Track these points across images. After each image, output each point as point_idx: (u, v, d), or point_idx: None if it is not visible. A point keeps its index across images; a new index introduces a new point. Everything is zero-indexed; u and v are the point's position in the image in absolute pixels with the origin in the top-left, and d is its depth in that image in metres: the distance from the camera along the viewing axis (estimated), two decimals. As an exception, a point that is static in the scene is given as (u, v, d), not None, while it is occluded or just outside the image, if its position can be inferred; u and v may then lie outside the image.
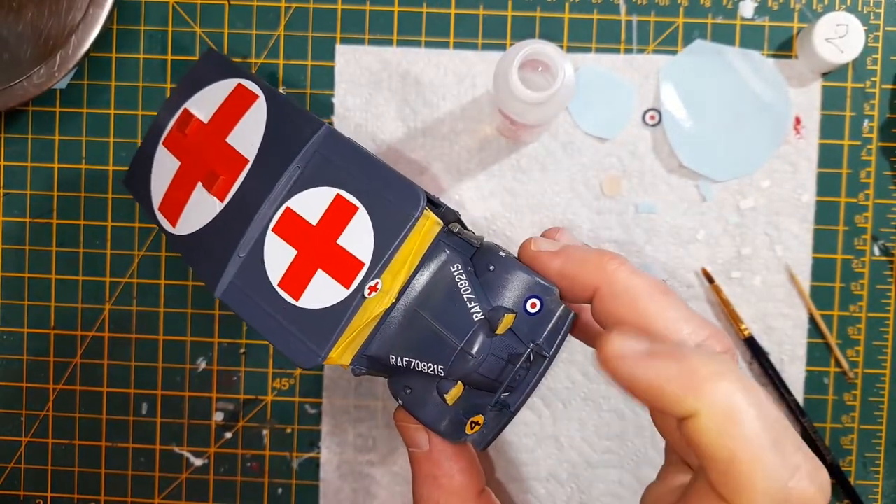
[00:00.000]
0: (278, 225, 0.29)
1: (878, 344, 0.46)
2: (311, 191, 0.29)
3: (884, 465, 0.46)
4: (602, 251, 0.29)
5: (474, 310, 0.28)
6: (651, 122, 0.46)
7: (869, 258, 0.46)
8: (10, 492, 0.48)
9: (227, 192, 0.30)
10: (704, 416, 0.23)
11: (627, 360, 0.25)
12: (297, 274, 0.29)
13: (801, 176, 0.46)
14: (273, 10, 0.46)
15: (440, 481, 0.30)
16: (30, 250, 0.47)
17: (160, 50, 0.47)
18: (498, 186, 0.46)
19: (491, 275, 0.29)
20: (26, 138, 0.47)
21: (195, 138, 0.33)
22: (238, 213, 0.30)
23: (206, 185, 0.31)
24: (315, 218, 0.29)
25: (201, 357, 0.47)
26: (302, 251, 0.29)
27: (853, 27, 0.43)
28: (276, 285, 0.29)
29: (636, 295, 0.28)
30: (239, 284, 0.29)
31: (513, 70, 0.35)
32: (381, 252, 0.28)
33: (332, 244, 0.28)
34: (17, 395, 0.48)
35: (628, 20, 0.46)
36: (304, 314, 0.28)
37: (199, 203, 0.31)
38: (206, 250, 0.30)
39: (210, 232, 0.30)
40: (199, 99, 0.34)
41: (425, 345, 0.28)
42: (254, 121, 0.31)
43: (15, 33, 0.45)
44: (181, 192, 0.32)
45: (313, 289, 0.28)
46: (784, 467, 0.23)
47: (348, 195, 0.28)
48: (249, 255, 0.29)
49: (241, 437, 0.47)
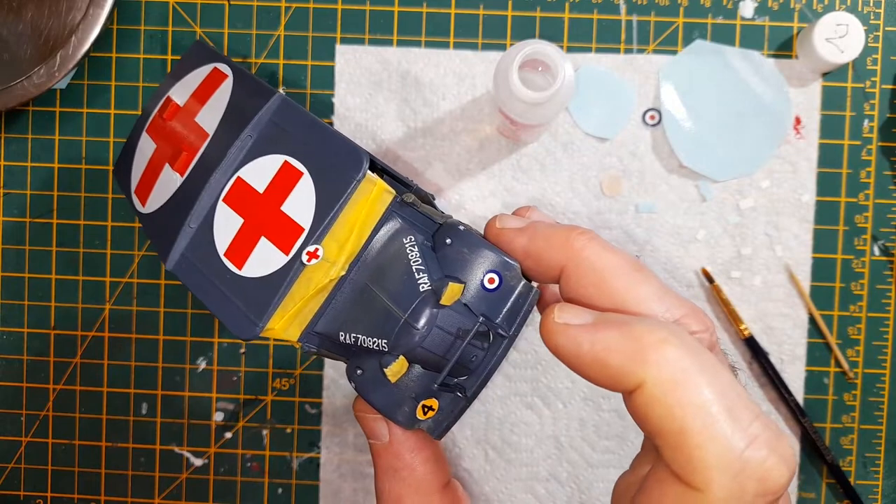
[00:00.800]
0: (228, 195, 0.28)
1: (878, 344, 0.46)
2: (262, 159, 0.28)
3: (884, 465, 0.46)
4: (570, 227, 0.27)
5: (421, 280, 0.26)
6: (651, 122, 0.46)
7: (869, 258, 0.46)
8: (10, 492, 0.48)
9: (188, 166, 0.30)
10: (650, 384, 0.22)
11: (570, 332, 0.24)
12: (241, 242, 0.28)
13: (801, 176, 0.46)
14: (273, 10, 0.46)
15: (401, 474, 0.29)
16: (30, 250, 0.47)
17: (160, 50, 0.47)
18: (498, 186, 0.46)
19: (448, 249, 0.27)
20: (26, 138, 0.47)
21: (171, 122, 0.34)
22: (193, 186, 0.29)
23: (171, 162, 0.31)
24: (262, 186, 0.28)
25: (201, 357, 0.47)
26: (248, 219, 0.28)
27: (853, 27, 0.43)
28: (223, 255, 0.28)
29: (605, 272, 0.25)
30: (189, 257, 0.29)
31: (513, 70, 0.35)
32: (322, 216, 0.27)
33: (276, 211, 0.27)
34: (17, 395, 0.48)
35: (628, 20, 0.46)
36: (247, 283, 0.27)
37: (165, 182, 0.31)
38: (163, 225, 0.30)
39: (170, 207, 0.30)
40: (180, 86, 0.35)
41: (373, 319, 0.27)
42: (219, 98, 0.32)
43: (15, 33, 0.45)
44: (153, 173, 0.33)
45: (256, 257, 0.27)
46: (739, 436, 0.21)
47: (294, 161, 0.28)
48: (201, 226, 0.29)
49: (241, 437, 0.47)
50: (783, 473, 0.21)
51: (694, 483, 0.21)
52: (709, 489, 0.21)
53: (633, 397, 0.23)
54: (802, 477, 0.46)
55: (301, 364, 0.47)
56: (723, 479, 0.21)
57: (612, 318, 0.24)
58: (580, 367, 0.24)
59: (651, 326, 0.23)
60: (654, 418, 0.22)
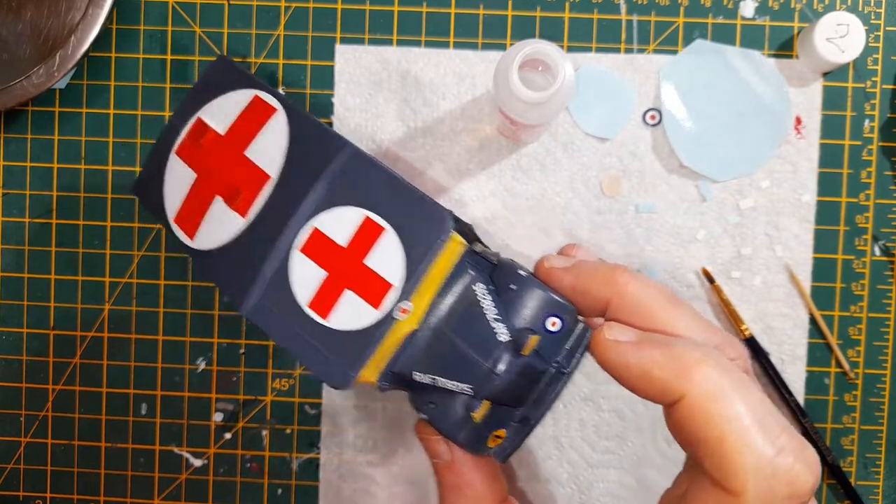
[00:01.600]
0: (306, 245, 0.29)
1: (878, 344, 0.46)
2: (338, 211, 0.29)
3: (884, 466, 0.46)
4: (613, 265, 0.30)
5: (499, 331, 0.29)
6: (651, 121, 0.46)
7: (870, 258, 0.46)
8: (10, 492, 0.48)
9: (249, 208, 0.30)
10: (690, 397, 0.25)
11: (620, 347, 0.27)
12: (325, 294, 0.29)
13: (802, 176, 0.46)
14: (273, 10, 0.46)
15: (464, 491, 0.31)
16: (29, 250, 0.47)
17: (160, 50, 0.47)
18: (498, 186, 0.46)
19: (513, 293, 0.29)
20: (26, 138, 0.47)
21: (211, 150, 0.32)
22: (262, 232, 0.30)
23: (227, 200, 0.31)
24: (343, 239, 0.29)
25: (201, 357, 0.47)
26: (330, 271, 0.29)
27: (854, 27, 0.43)
28: (305, 305, 0.29)
29: (647, 306, 0.28)
30: (266, 304, 0.29)
31: (513, 70, 0.35)
32: (412, 275, 0.28)
33: (359, 265, 0.29)
34: (16, 395, 0.48)
35: (629, 20, 0.46)
36: (334, 334, 0.29)
37: (219, 218, 0.31)
38: (229, 267, 0.30)
39: (233, 248, 0.30)
40: (213, 109, 0.33)
41: (451, 363, 0.29)
42: (274, 135, 0.31)
43: (14, 33, 0.45)
44: (199, 205, 0.32)
45: (342, 309, 0.29)
46: (769, 445, 0.24)
47: (376, 217, 0.29)
48: (276, 274, 0.29)
49: (241, 438, 0.47)
50: (808, 479, 0.24)
51: (731, 487, 0.24)
52: (744, 492, 0.24)
53: (675, 409, 0.25)
54: (803, 477, 0.46)
55: (301, 365, 0.47)
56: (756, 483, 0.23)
57: (656, 337, 0.27)
58: (627, 379, 0.27)
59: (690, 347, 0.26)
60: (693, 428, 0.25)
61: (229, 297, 0.31)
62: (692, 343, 0.27)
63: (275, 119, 0.31)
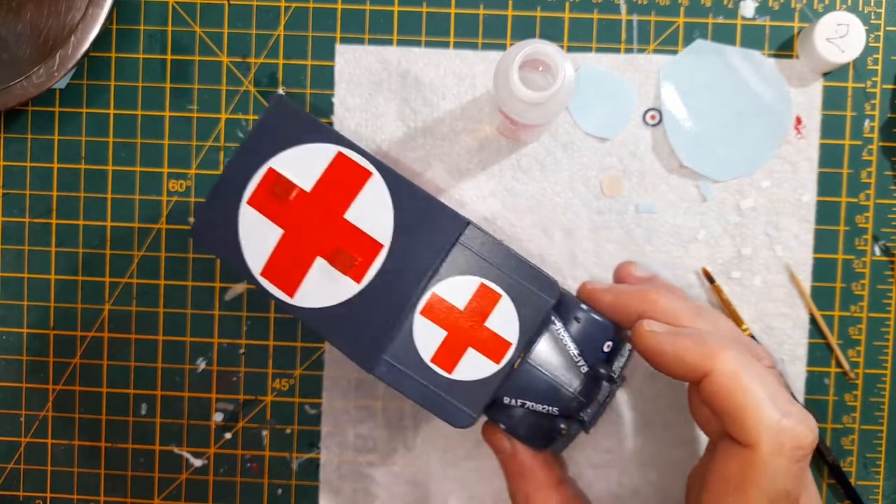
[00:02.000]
0: (426, 309, 0.33)
1: (878, 344, 0.46)
2: (456, 279, 0.33)
3: (884, 466, 0.46)
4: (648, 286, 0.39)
5: (581, 364, 0.35)
6: (651, 121, 0.46)
7: (870, 258, 0.46)
8: (10, 492, 0.48)
9: (364, 275, 0.33)
10: (716, 374, 0.31)
11: (658, 336, 0.34)
12: (448, 351, 0.33)
13: (802, 176, 0.46)
14: (273, 10, 0.46)
15: (526, 477, 0.37)
16: (29, 250, 0.47)
17: (160, 50, 0.47)
18: (498, 186, 0.46)
19: (578, 325, 0.36)
20: (26, 138, 0.47)
21: (300, 208, 0.34)
22: (381, 297, 0.33)
23: (338, 265, 0.33)
24: (461, 303, 0.33)
25: (201, 357, 0.47)
26: (451, 332, 0.33)
27: (854, 27, 0.43)
28: (429, 361, 0.33)
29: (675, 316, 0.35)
30: (392, 361, 0.33)
31: (513, 70, 0.35)
32: (525, 332, 0.33)
33: (480, 326, 0.33)
34: (16, 395, 0.48)
35: (629, 20, 0.46)
36: (459, 385, 0.33)
37: (325, 279, 0.33)
38: (343, 326, 0.33)
39: (347, 310, 0.33)
40: (286, 160, 0.34)
41: (540, 391, 0.35)
42: (375, 201, 0.33)
43: (14, 33, 0.45)
44: (296, 264, 0.34)
45: (465, 364, 0.33)
46: (777, 410, 0.31)
47: (492, 284, 0.33)
48: (401, 336, 0.33)
49: (241, 438, 0.47)
50: (808, 435, 0.31)
51: (748, 442, 0.31)
52: (759, 445, 0.30)
53: (703, 384, 0.32)
54: (803, 477, 0.46)
55: (301, 365, 0.47)
56: (768, 438, 0.30)
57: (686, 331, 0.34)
58: (662, 362, 0.34)
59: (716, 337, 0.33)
60: (719, 399, 0.32)
61: (348, 355, 0.33)
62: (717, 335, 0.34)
63: (373, 183, 0.33)
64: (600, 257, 0.46)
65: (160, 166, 0.47)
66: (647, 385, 0.46)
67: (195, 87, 0.47)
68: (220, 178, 0.35)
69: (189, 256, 0.47)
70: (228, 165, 0.34)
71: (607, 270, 0.46)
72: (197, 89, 0.47)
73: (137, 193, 0.47)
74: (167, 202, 0.47)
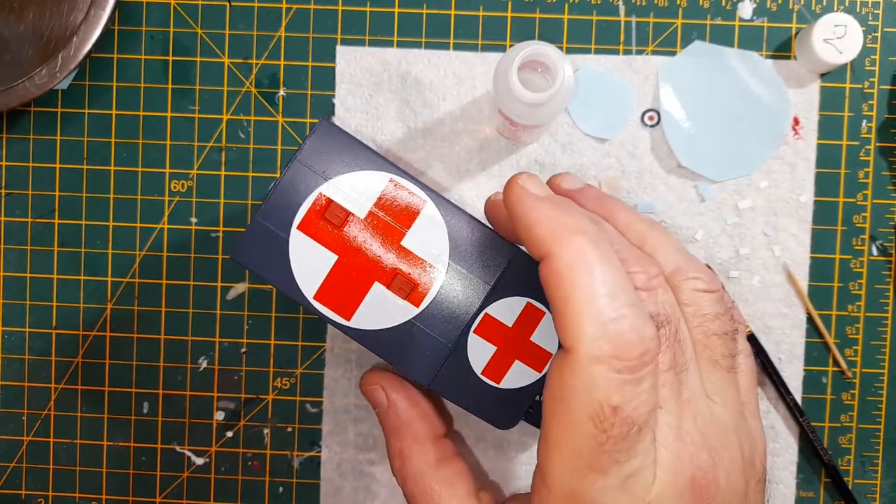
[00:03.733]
0: (479, 328, 0.35)
1: (876, 343, 0.46)
2: (507, 300, 0.35)
3: (882, 465, 0.47)
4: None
5: None
6: (650, 122, 0.46)
7: (867, 258, 0.46)
8: (12, 491, 0.48)
9: (423, 299, 0.35)
10: (555, 259, 0.27)
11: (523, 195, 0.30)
12: (497, 364, 0.35)
13: (800, 176, 0.46)
14: (274, 11, 0.46)
15: (401, 431, 0.35)
16: (31, 250, 0.48)
17: (161, 51, 0.47)
18: (498, 187, 0.46)
19: None
20: (28, 139, 0.47)
21: (354, 234, 0.34)
22: (438, 319, 0.35)
23: (397, 291, 0.35)
24: (511, 321, 0.35)
25: (202, 356, 0.48)
26: (501, 347, 0.35)
27: (851, 28, 0.43)
28: (480, 374, 0.35)
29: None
30: (447, 374, 0.35)
31: (512, 71, 0.35)
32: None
33: (526, 341, 0.35)
34: (18, 394, 0.48)
35: (627, 21, 0.46)
36: (506, 393, 0.36)
37: (383, 303, 0.35)
38: (401, 347, 0.35)
39: (405, 332, 0.35)
40: (337, 186, 0.34)
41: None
42: (431, 228, 0.35)
43: (16, 34, 0.45)
44: (352, 287, 0.35)
45: (512, 374, 0.36)
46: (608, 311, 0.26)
47: (536, 303, 0.35)
48: (455, 352, 0.35)
49: (242, 436, 0.48)
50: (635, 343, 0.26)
51: (568, 343, 0.27)
52: (578, 349, 0.26)
53: (542, 266, 0.28)
54: (801, 476, 0.47)
55: (302, 364, 0.47)
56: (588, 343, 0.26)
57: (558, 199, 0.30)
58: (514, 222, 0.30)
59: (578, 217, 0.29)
60: (551, 286, 0.28)
61: (406, 371, 0.35)
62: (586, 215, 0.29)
63: (428, 213, 0.35)
64: (599, 257, 0.46)
65: (162, 167, 0.47)
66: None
67: (196, 87, 0.47)
68: (266, 202, 0.34)
69: (191, 256, 0.47)
70: (276, 190, 0.34)
71: (606, 270, 0.46)
72: (198, 90, 0.47)
73: (139, 194, 0.47)
74: (169, 202, 0.47)
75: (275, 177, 0.47)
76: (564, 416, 0.27)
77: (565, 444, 0.27)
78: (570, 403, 0.26)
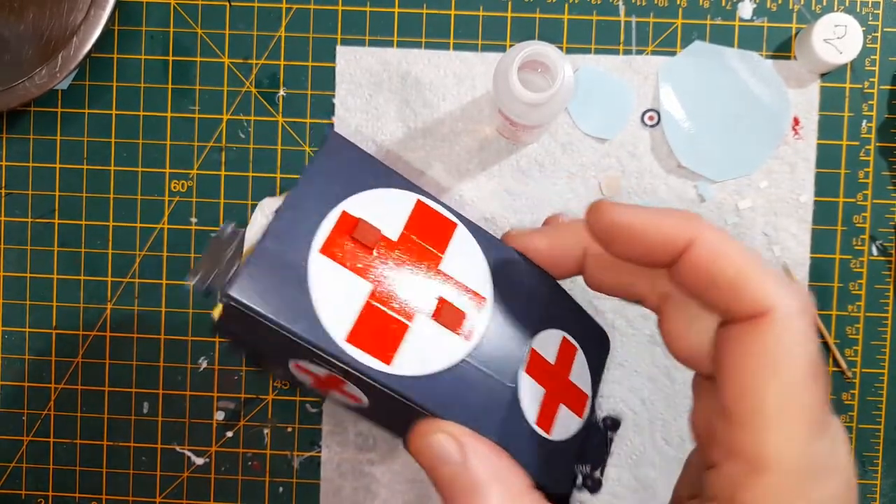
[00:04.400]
0: (529, 366, 0.30)
1: (876, 343, 0.46)
2: (546, 332, 0.31)
3: (882, 464, 0.47)
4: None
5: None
6: (650, 122, 0.46)
7: (867, 258, 0.46)
8: (12, 491, 0.48)
9: (474, 331, 0.29)
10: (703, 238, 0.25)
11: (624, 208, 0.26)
12: (547, 410, 0.30)
13: (800, 176, 0.46)
14: (274, 11, 0.47)
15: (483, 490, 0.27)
16: (31, 250, 0.48)
17: (161, 51, 0.47)
18: (498, 187, 0.46)
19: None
20: (28, 139, 0.47)
21: (386, 258, 0.29)
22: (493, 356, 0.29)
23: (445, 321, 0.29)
24: (552, 357, 0.31)
25: (202, 356, 0.48)
26: (547, 388, 0.30)
27: (851, 28, 0.43)
28: (534, 423, 0.30)
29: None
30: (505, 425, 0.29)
31: (512, 71, 0.35)
32: (596, 384, 0.32)
33: (567, 381, 0.31)
34: (18, 394, 0.48)
35: (627, 21, 0.46)
36: (555, 446, 0.30)
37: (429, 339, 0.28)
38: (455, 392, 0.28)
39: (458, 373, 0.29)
40: (359, 205, 0.29)
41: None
42: (467, 252, 0.30)
43: (16, 34, 0.45)
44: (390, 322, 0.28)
45: (559, 422, 0.30)
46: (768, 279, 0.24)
47: (570, 337, 0.32)
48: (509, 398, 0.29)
49: (242, 436, 0.48)
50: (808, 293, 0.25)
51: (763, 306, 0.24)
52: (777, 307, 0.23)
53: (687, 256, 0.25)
54: (801, 476, 0.47)
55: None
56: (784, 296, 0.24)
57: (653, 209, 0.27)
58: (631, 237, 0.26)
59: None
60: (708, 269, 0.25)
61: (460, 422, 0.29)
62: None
63: (461, 236, 0.31)
64: (599, 257, 0.46)
65: (162, 167, 0.47)
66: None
67: (196, 87, 0.47)
68: (274, 222, 0.27)
69: (191, 256, 0.47)
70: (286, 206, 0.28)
71: (606, 270, 0.46)
72: (198, 90, 0.47)
73: (139, 193, 0.47)
74: (169, 202, 0.47)
75: (274, 176, 0.47)
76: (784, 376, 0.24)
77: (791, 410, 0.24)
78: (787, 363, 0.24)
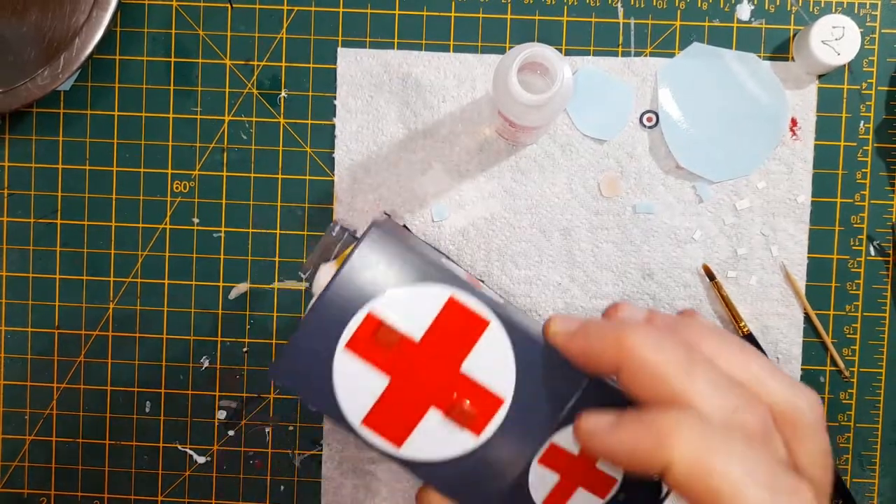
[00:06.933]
0: (544, 457, 0.32)
1: (873, 343, 0.47)
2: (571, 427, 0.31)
3: (880, 464, 0.47)
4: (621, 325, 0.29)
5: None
6: (648, 123, 0.46)
7: (864, 258, 0.46)
8: (15, 490, 0.49)
9: (484, 428, 0.31)
10: (676, 464, 0.25)
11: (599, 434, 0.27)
12: (559, 493, 0.32)
13: (797, 177, 0.46)
14: (275, 13, 0.47)
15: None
16: (34, 250, 0.48)
17: (163, 52, 0.47)
18: (497, 188, 0.46)
19: None
20: (30, 139, 0.48)
21: (409, 358, 0.31)
22: (501, 450, 0.31)
23: (456, 418, 0.31)
24: (577, 448, 0.32)
25: (204, 356, 0.48)
26: (563, 476, 0.32)
27: (849, 29, 0.43)
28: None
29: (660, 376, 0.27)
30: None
31: (512, 73, 0.35)
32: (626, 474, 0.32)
33: (593, 468, 0.32)
34: (21, 393, 0.48)
35: (626, 23, 0.46)
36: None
37: (440, 431, 0.31)
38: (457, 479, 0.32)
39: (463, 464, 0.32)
40: (389, 302, 0.31)
41: None
42: (494, 352, 0.31)
43: (19, 35, 0.45)
44: (405, 413, 0.31)
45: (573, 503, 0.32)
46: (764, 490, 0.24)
47: None
48: (516, 483, 0.32)
49: (244, 435, 0.48)
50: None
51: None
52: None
53: (668, 479, 0.25)
54: (799, 475, 0.47)
55: None
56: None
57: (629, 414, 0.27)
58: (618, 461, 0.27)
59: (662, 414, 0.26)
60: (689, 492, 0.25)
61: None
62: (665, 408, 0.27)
63: (492, 335, 0.31)
64: (598, 257, 0.46)
65: (164, 167, 0.47)
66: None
67: (198, 89, 0.47)
68: (308, 316, 0.31)
69: (192, 256, 0.48)
70: (320, 303, 0.30)
71: (605, 270, 0.46)
72: (200, 91, 0.47)
73: (141, 194, 0.48)
74: (171, 203, 0.47)
75: (276, 177, 0.47)
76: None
77: None
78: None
